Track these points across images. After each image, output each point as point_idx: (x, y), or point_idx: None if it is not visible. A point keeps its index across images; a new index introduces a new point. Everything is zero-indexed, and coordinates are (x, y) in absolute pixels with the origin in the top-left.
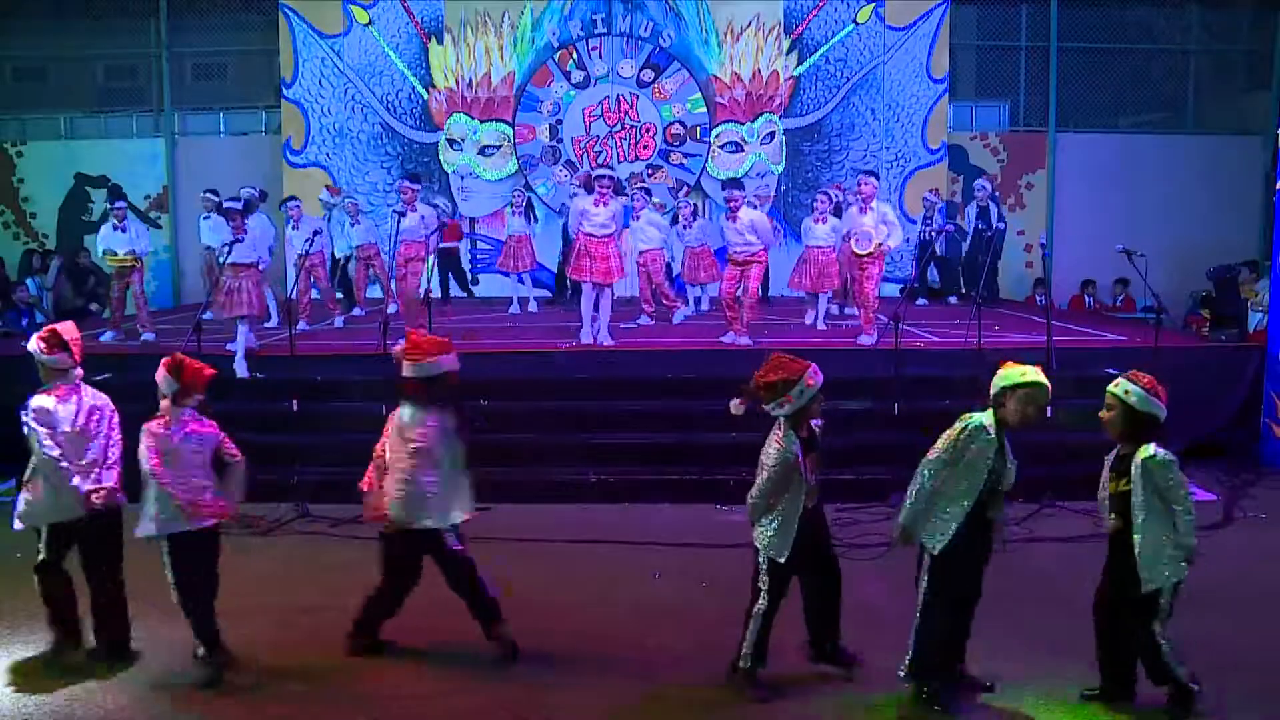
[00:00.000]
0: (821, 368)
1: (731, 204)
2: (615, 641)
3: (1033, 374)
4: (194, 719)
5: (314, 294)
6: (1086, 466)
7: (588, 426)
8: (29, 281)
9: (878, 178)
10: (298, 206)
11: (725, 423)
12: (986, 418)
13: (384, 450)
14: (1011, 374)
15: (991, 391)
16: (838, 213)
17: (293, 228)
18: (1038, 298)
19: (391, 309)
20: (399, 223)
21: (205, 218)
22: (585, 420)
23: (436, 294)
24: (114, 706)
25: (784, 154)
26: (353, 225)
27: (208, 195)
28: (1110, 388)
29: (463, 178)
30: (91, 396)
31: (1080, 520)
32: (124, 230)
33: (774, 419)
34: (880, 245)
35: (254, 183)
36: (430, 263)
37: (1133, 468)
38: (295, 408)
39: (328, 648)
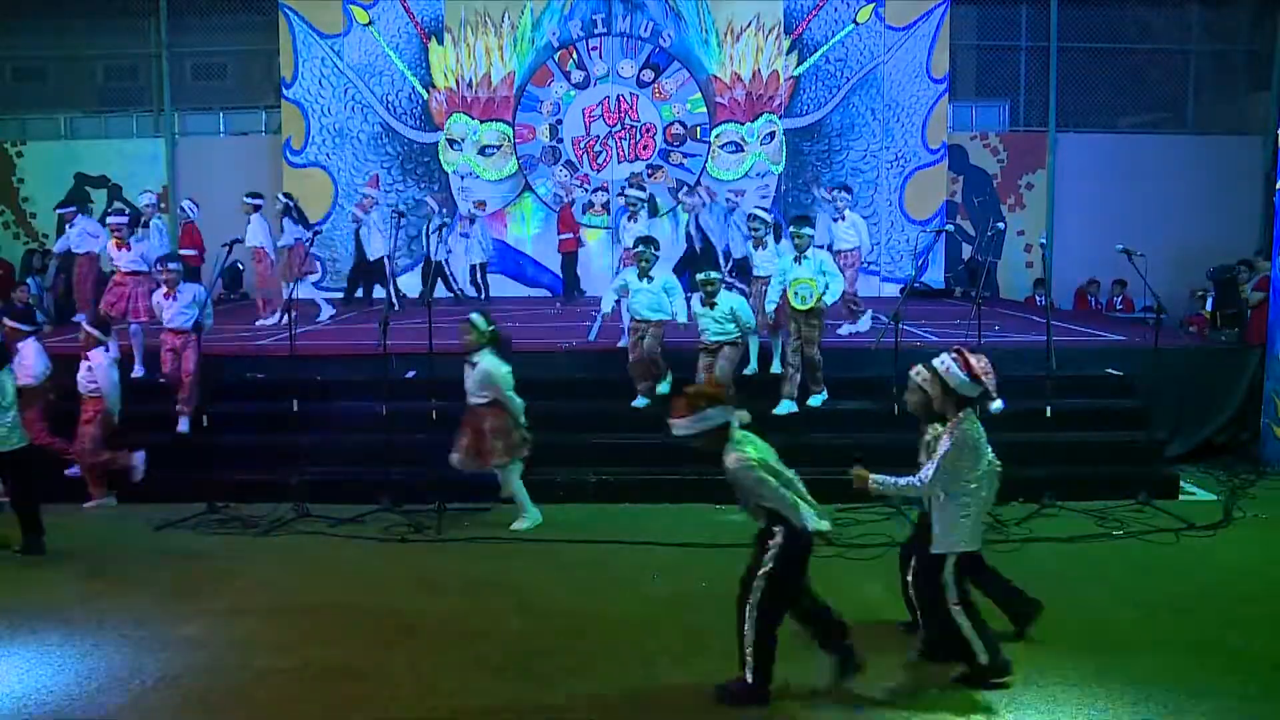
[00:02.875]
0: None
1: (708, 288)
2: (615, 641)
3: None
4: (194, 719)
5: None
6: (1086, 467)
7: (588, 426)
8: (30, 281)
9: (850, 190)
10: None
11: None
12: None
13: None
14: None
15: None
16: (776, 236)
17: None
18: (1038, 298)
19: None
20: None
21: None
22: (585, 420)
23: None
24: (114, 706)
25: (784, 154)
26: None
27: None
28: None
29: (463, 178)
30: None
31: (1080, 520)
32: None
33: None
34: (820, 299)
35: (154, 188)
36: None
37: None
38: (295, 408)
39: (327, 647)
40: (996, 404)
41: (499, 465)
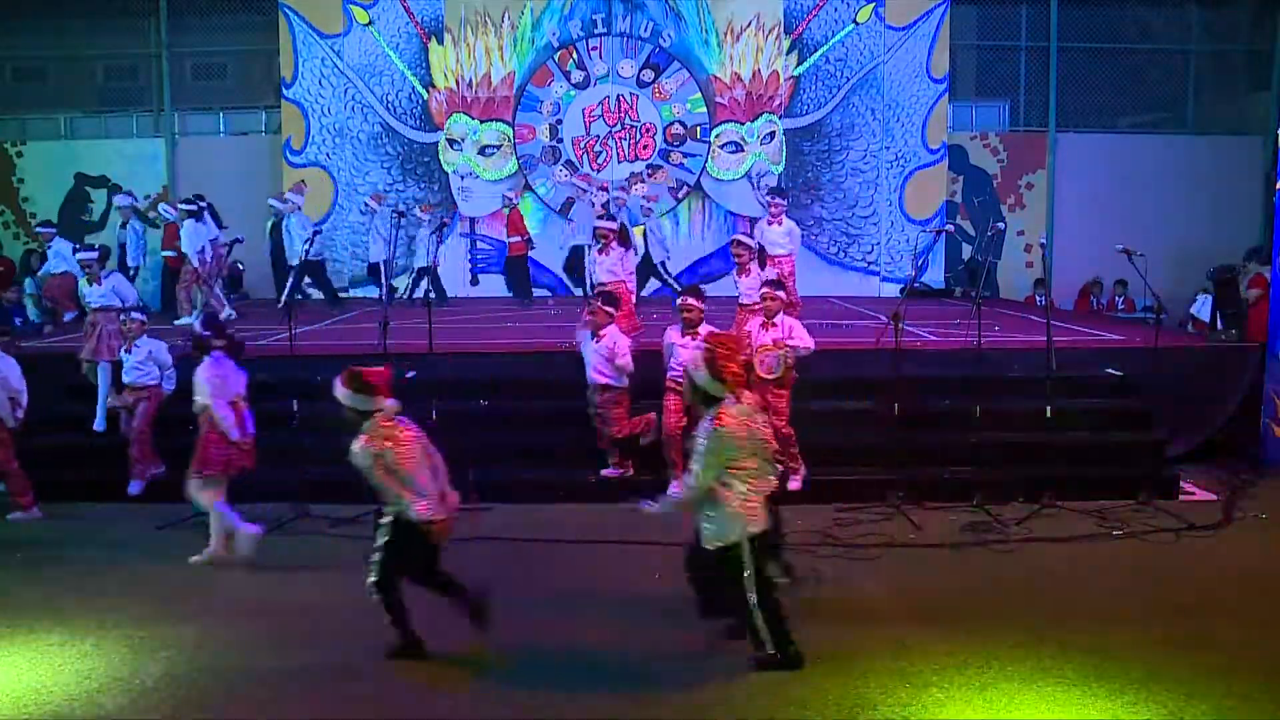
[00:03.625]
0: (822, 367)
1: (687, 312)
2: (615, 641)
3: None
4: (194, 719)
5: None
6: (1086, 467)
7: (587, 426)
8: (28, 281)
9: (784, 195)
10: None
11: None
12: None
13: None
14: None
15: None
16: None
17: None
18: (1038, 298)
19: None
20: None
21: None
22: (585, 420)
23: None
24: (114, 707)
25: (784, 154)
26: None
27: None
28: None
29: (463, 178)
30: None
31: (1080, 520)
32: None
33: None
34: (787, 352)
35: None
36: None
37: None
38: (295, 408)
39: (327, 647)
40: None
41: None
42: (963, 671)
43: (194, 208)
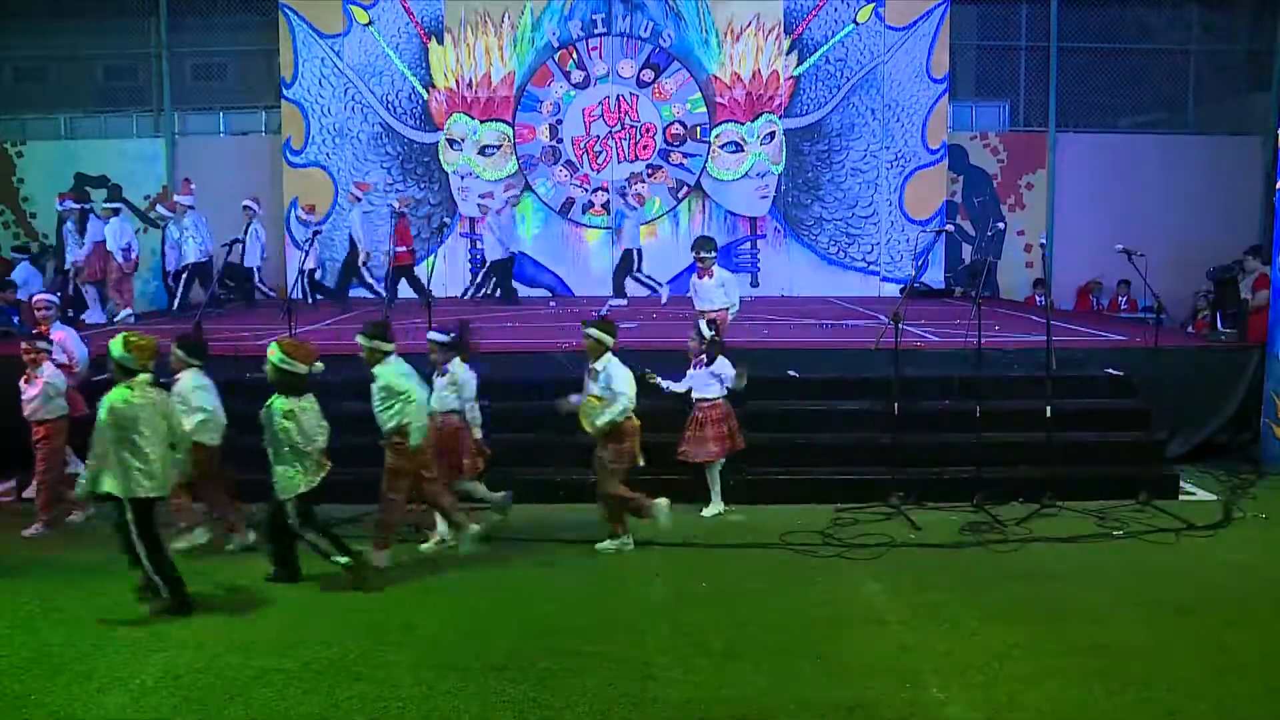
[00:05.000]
0: (822, 368)
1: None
2: (615, 641)
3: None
4: (194, 719)
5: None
6: (1086, 467)
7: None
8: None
9: (712, 247)
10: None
11: None
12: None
13: None
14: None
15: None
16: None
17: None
18: (1038, 298)
19: None
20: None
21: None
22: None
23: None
24: (114, 706)
25: (784, 154)
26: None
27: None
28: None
29: (463, 178)
30: None
31: (1080, 520)
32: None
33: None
34: (611, 420)
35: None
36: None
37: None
38: None
39: (327, 647)
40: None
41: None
42: (963, 672)
43: (116, 205)
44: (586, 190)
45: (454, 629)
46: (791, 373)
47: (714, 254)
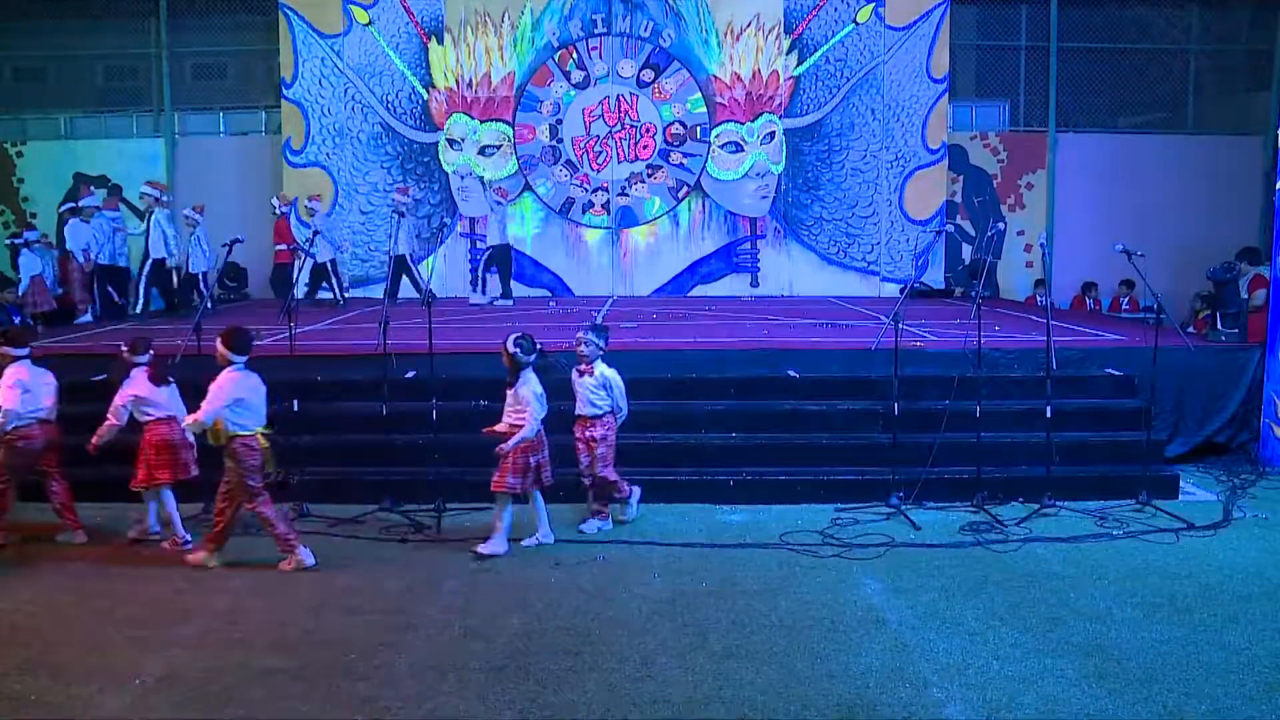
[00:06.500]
0: (822, 368)
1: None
2: (615, 641)
3: None
4: (194, 719)
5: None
6: (1086, 467)
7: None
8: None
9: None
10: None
11: (725, 423)
12: None
13: None
14: None
15: None
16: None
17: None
18: (1038, 298)
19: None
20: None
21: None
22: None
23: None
24: (114, 707)
25: (784, 154)
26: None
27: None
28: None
29: (462, 178)
30: None
31: (1080, 520)
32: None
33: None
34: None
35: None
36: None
37: None
38: (295, 408)
39: (327, 647)
40: None
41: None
42: (963, 671)
43: (72, 205)
44: (586, 190)
45: (454, 629)
46: (791, 373)
47: (601, 341)
